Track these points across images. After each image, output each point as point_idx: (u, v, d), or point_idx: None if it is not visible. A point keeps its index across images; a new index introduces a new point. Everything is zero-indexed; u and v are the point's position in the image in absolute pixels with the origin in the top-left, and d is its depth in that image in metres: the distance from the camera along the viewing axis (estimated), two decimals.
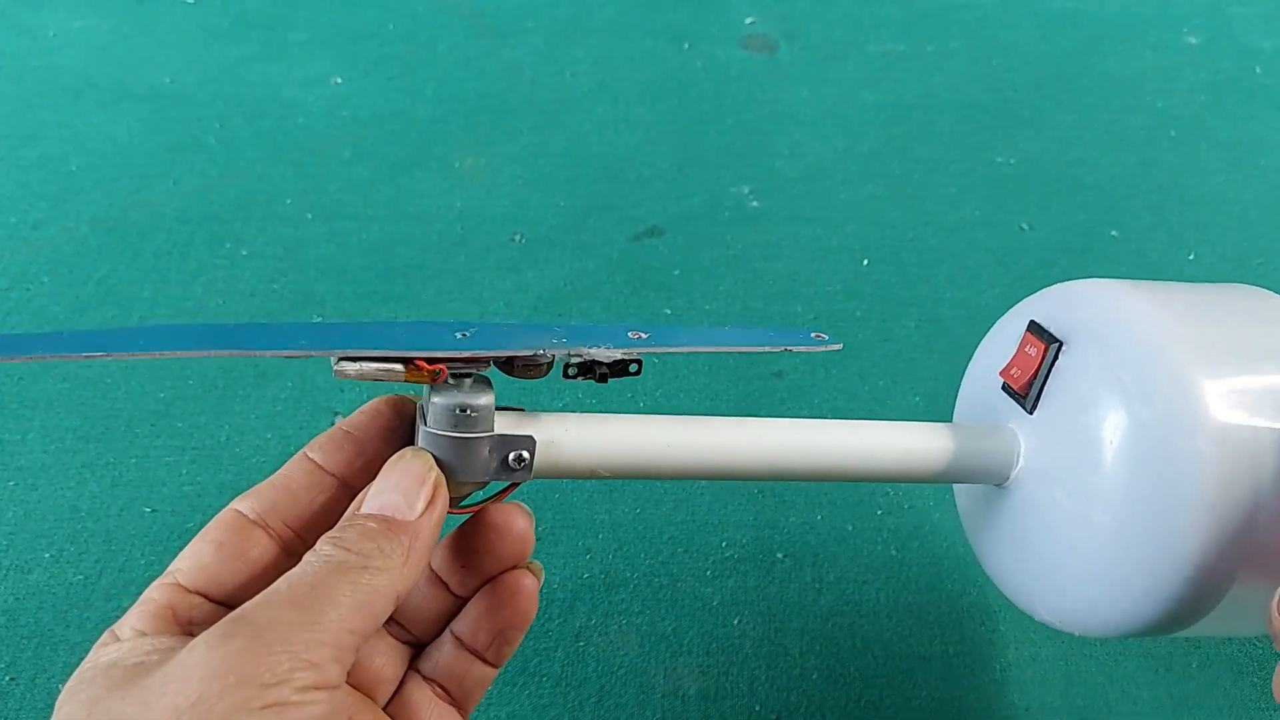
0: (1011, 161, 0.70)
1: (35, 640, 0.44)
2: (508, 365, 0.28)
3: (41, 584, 0.46)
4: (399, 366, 0.26)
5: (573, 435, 0.29)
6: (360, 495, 0.27)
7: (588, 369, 0.28)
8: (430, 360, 0.26)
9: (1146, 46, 0.80)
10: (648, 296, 0.60)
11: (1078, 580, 0.32)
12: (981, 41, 0.79)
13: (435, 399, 0.27)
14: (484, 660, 0.30)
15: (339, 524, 0.26)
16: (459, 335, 0.27)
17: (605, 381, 0.28)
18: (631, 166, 0.67)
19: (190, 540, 0.27)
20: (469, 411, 0.27)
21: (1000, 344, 0.37)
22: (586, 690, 0.44)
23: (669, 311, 0.59)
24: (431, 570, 0.30)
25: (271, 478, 0.29)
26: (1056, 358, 0.33)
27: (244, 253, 0.60)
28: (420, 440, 0.28)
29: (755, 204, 0.66)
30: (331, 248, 0.61)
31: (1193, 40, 0.81)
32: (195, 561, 0.27)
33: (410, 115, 0.70)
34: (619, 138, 0.69)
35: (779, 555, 0.49)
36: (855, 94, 0.74)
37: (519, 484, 0.29)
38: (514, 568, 0.29)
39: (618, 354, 0.28)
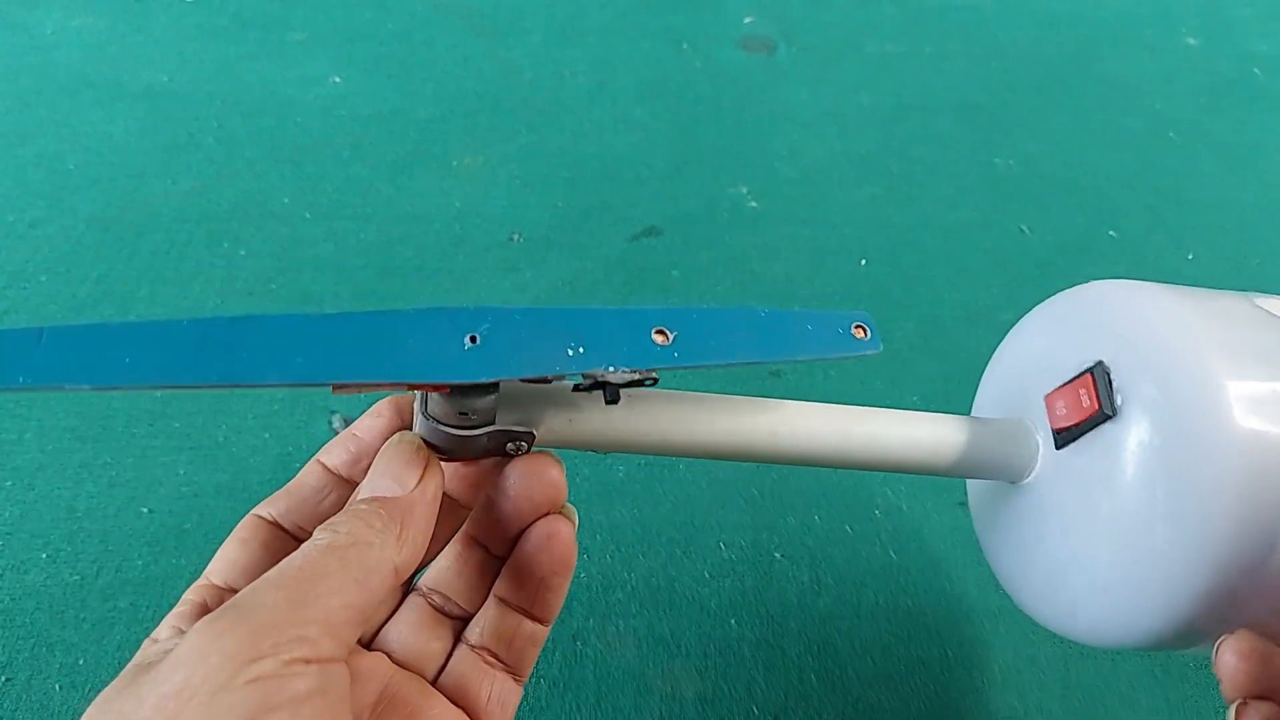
0: (1010, 163, 0.70)
1: (32, 640, 0.44)
2: None
3: (38, 584, 0.46)
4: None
5: (575, 426, 0.29)
6: (359, 487, 0.27)
7: (599, 385, 0.27)
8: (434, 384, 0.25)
9: (1145, 48, 0.80)
10: (646, 296, 0.60)
11: (1090, 583, 0.32)
12: (980, 43, 0.79)
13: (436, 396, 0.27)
14: (530, 616, 0.30)
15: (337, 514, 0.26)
16: (468, 341, 0.25)
17: (617, 401, 0.27)
18: (630, 167, 0.67)
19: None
20: (470, 414, 0.27)
21: (1030, 339, 0.37)
22: (584, 692, 0.44)
23: None
24: (468, 535, 0.30)
25: (286, 485, 0.30)
26: (1103, 422, 0.32)
27: (242, 252, 0.60)
28: (417, 426, 0.28)
29: (753, 204, 0.66)
30: (329, 247, 0.61)
31: (1192, 42, 0.81)
32: (224, 560, 0.28)
33: (408, 115, 0.70)
34: (617, 138, 0.69)
35: (777, 557, 0.49)
36: (854, 95, 0.74)
37: None
38: (548, 514, 0.29)
39: (632, 375, 0.26)
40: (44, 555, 0.47)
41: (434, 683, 0.29)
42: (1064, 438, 0.33)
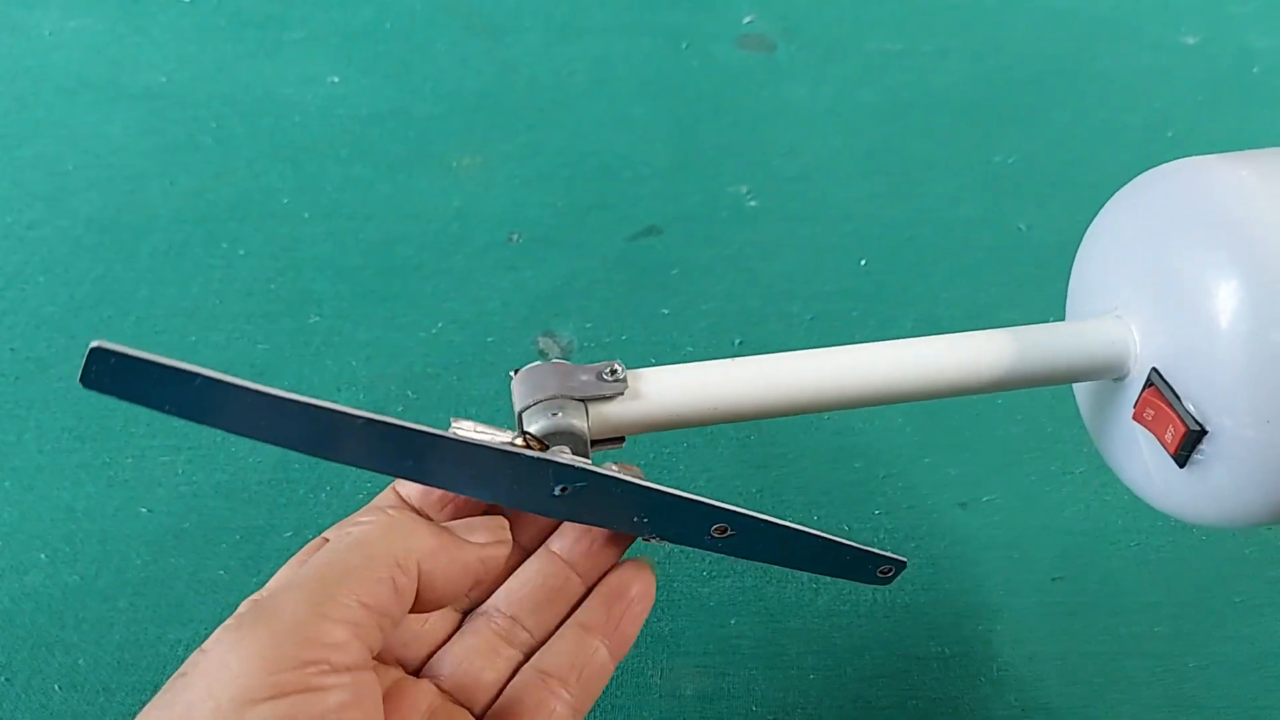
0: (1009, 160, 0.70)
1: (31, 641, 0.44)
2: None
3: (38, 585, 0.46)
4: None
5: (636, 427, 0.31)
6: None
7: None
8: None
9: (1144, 46, 0.80)
10: (645, 296, 0.60)
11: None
12: (979, 40, 0.79)
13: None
14: (606, 649, 0.30)
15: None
16: (559, 489, 0.28)
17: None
18: (629, 165, 0.67)
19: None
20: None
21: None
22: None
23: (666, 311, 0.59)
24: (552, 555, 0.30)
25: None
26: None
27: (241, 252, 0.60)
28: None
29: (753, 203, 0.66)
30: (329, 247, 0.61)
31: (1190, 40, 0.81)
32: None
33: (407, 114, 0.70)
34: (616, 137, 0.69)
35: None
36: (853, 92, 0.74)
37: None
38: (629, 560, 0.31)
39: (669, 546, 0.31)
40: (43, 556, 0.47)
41: (486, 711, 0.28)
42: (1140, 423, 0.33)
